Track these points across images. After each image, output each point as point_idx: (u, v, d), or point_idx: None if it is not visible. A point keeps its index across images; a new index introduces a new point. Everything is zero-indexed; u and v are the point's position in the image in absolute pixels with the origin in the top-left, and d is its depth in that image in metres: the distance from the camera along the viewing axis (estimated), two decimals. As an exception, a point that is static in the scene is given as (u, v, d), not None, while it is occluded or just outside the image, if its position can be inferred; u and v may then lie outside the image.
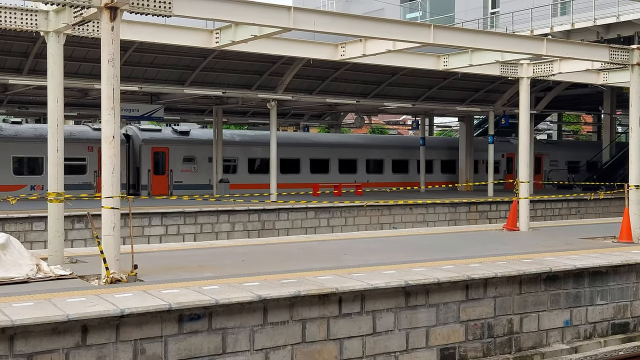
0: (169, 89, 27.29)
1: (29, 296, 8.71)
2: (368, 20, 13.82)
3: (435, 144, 41.09)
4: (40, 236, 19.88)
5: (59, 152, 11.52)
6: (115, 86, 9.99)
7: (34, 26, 11.52)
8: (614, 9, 29.62)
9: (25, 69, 24.19)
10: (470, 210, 29.78)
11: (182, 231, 22.94)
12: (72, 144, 25.64)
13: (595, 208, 33.11)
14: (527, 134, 18.36)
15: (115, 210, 10.00)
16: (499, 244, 15.02)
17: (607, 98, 41.13)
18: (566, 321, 11.70)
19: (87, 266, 11.29)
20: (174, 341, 8.43)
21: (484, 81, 32.09)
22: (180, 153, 32.50)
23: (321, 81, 30.08)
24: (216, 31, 13.94)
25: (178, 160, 32.33)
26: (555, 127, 58.95)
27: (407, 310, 10.09)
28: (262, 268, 11.18)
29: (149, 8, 10.38)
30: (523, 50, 15.70)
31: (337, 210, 26.30)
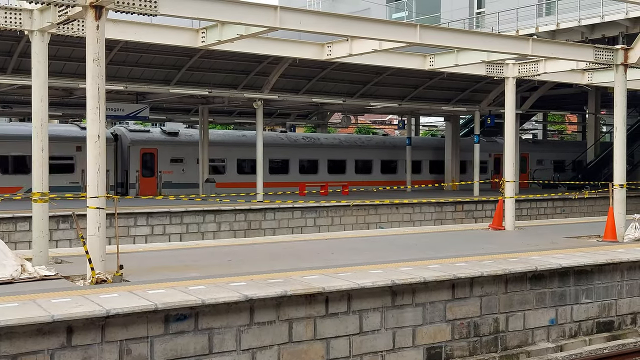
0: (155, 89, 27.17)
1: (13, 297, 8.65)
2: (354, 19, 13.83)
3: (420, 143, 41.18)
4: (25, 236, 19.72)
5: (43, 151, 11.44)
6: (101, 85, 9.94)
7: (18, 25, 11.43)
8: (598, 9, 29.80)
9: (9, 68, 24.01)
10: (457, 209, 29.87)
11: (168, 231, 22.85)
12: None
13: (580, 207, 33.30)
14: (512, 134, 18.44)
15: (100, 210, 9.95)
16: (485, 243, 15.07)
17: (591, 98, 41.36)
18: (551, 320, 11.76)
19: (72, 266, 11.22)
20: (160, 342, 8.39)
21: (470, 81, 32.19)
22: (169, 154, 32.38)
23: (307, 81, 30.07)
24: (202, 30, 13.90)
25: (166, 161, 32.13)
26: (540, 126, 59.27)
27: (393, 310, 10.11)
28: (249, 268, 11.16)
29: (134, 7, 10.33)
30: (509, 50, 15.76)
31: (323, 210, 26.30)
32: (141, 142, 31.93)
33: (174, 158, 32.41)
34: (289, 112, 41.00)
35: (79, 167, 29.45)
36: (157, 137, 32.86)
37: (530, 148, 43.90)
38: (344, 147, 37.66)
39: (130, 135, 32.03)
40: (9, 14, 11.37)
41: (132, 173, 31.50)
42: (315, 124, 46.75)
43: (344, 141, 38.52)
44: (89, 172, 9.97)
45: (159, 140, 32.59)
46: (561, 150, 46.80)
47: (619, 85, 15.91)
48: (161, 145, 32.27)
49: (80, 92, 25.65)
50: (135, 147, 31.63)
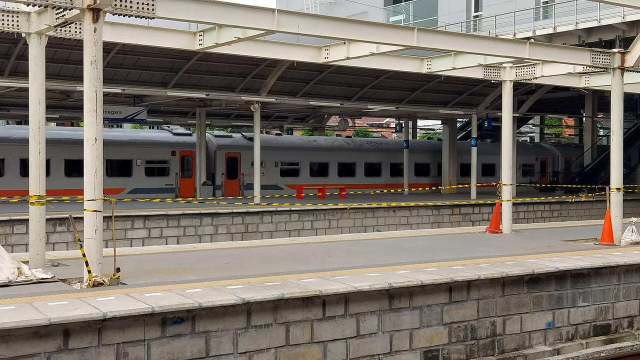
0: (152, 91, 27.16)
1: (10, 300, 8.63)
2: (352, 23, 13.84)
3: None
4: (22, 239, 19.70)
5: (40, 154, 11.42)
6: (98, 88, 9.93)
7: (16, 27, 11.44)
8: (595, 13, 29.86)
9: (6, 70, 23.98)
10: (454, 212, 29.89)
11: (165, 234, 22.84)
12: None
13: (577, 210, 33.34)
14: (510, 137, 18.45)
15: (97, 213, 9.94)
16: (482, 246, 15.08)
17: (588, 101, 41.43)
18: (548, 323, 11.77)
19: (69, 269, 11.21)
20: (157, 345, 8.38)
21: (467, 84, 32.23)
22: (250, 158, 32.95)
23: (305, 84, 30.08)
24: (199, 33, 13.90)
25: (248, 164, 32.99)
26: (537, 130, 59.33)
27: (390, 313, 10.11)
28: (246, 271, 11.16)
29: (132, 10, 10.33)
30: (506, 53, 15.78)
31: (320, 213, 26.31)
32: (226, 147, 33.81)
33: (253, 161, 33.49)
34: (286, 115, 41.03)
35: (173, 171, 32.08)
36: (240, 142, 34.53)
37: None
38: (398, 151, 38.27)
39: (217, 140, 33.79)
40: (7, 16, 11.38)
41: (218, 175, 33.17)
42: (313, 127, 46.76)
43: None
44: (85, 175, 9.95)
45: (241, 145, 34.24)
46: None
47: (615, 89, 15.93)
48: (243, 149, 33.77)
49: (78, 94, 25.67)
50: (221, 152, 33.46)
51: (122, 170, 30.86)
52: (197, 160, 32.22)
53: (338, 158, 36.74)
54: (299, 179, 35.01)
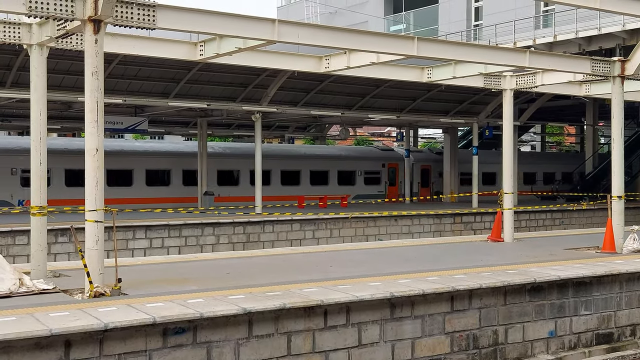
0: (153, 102, 27.20)
1: (11, 311, 8.62)
2: (352, 32, 13.88)
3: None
4: (23, 250, 19.70)
5: (42, 165, 11.44)
6: (99, 99, 9.96)
7: (17, 39, 11.47)
8: (595, 21, 29.92)
9: (8, 81, 24.03)
10: (455, 221, 29.86)
11: (166, 244, 22.82)
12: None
13: (578, 219, 33.29)
14: (511, 146, 18.46)
15: (99, 224, 9.94)
16: (484, 255, 15.06)
17: (589, 109, 41.43)
18: (551, 332, 11.74)
19: (70, 280, 11.20)
20: (159, 355, 8.37)
21: (468, 93, 32.25)
22: (438, 169, 40.01)
23: (306, 93, 30.11)
24: (200, 44, 13.94)
25: (436, 174, 40.21)
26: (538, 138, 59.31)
27: (392, 322, 10.09)
28: (247, 281, 11.15)
29: (132, 21, 10.37)
30: (506, 62, 15.81)
31: (322, 222, 26.29)
32: (421, 160, 40.46)
33: (440, 172, 39.52)
34: (287, 124, 41.06)
35: (382, 179, 38.31)
36: (430, 157, 41.52)
37: None
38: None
39: (413, 155, 39.65)
40: (8, 28, 11.41)
41: (414, 184, 39.22)
42: (314, 137, 46.80)
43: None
44: (86, 186, 9.96)
45: (431, 159, 41.10)
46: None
47: (616, 97, 15.94)
48: (433, 162, 40.59)
49: (79, 105, 25.72)
50: (417, 164, 39.83)
51: (348, 180, 37.00)
52: (403, 170, 38.50)
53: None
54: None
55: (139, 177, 31.43)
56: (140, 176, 31.43)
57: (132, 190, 30.97)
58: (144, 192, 31.15)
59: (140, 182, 31.42)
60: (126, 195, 30.22)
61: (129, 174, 31.18)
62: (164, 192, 31.88)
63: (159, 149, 33.95)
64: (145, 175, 31.68)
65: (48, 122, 12.28)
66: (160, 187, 32.06)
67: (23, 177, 27.42)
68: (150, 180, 31.77)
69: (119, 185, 30.15)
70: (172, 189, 32.28)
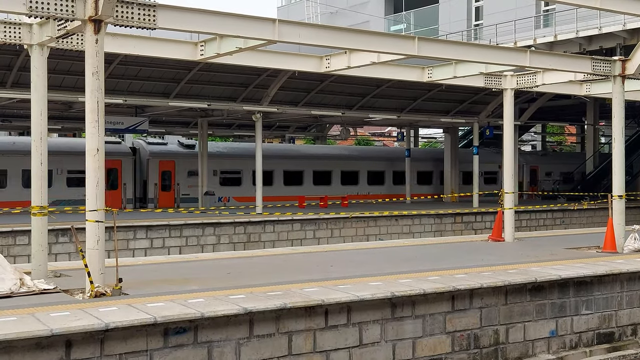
0: (154, 102, 27.22)
1: (12, 311, 8.62)
2: (353, 32, 13.88)
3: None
4: (24, 250, 19.71)
5: (42, 165, 11.44)
6: (100, 99, 9.96)
7: (17, 39, 11.47)
8: (596, 21, 29.91)
9: (8, 82, 24.05)
10: (456, 221, 29.86)
11: (167, 244, 22.83)
12: None
13: (579, 218, 33.30)
14: (511, 145, 18.46)
15: (99, 224, 9.95)
16: (485, 254, 15.05)
17: (590, 109, 41.41)
18: (552, 331, 11.74)
19: (71, 280, 11.21)
20: (160, 355, 8.37)
21: (469, 93, 32.25)
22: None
23: (306, 93, 30.12)
24: (201, 44, 13.94)
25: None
26: (539, 138, 59.30)
27: (393, 322, 10.09)
28: (248, 281, 11.14)
29: (133, 21, 10.37)
30: (507, 61, 15.81)
31: (322, 222, 26.29)
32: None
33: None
34: (288, 124, 41.07)
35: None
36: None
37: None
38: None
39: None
40: (9, 28, 11.41)
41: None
42: (315, 136, 46.80)
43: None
44: (87, 185, 9.97)
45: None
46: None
47: (616, 97, 15.93)
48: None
49: (80, 105, 25.72)
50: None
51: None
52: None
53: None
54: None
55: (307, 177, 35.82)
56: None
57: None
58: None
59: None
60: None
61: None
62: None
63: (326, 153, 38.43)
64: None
65: (49, 123, 12.29)
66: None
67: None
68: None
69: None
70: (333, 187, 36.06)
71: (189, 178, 32.47)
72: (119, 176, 31.04)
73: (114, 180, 30.82)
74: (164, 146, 33.67)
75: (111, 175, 30.46)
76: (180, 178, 32.34)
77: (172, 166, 32.34)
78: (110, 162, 28.91)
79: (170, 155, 32.76)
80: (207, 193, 31.47)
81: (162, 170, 32.29)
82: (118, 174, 31.04)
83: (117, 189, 30.85)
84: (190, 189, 32.13)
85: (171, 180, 32.37)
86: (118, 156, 30.98)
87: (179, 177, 32.35)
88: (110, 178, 30.31)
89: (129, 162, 31.41)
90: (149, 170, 31.85)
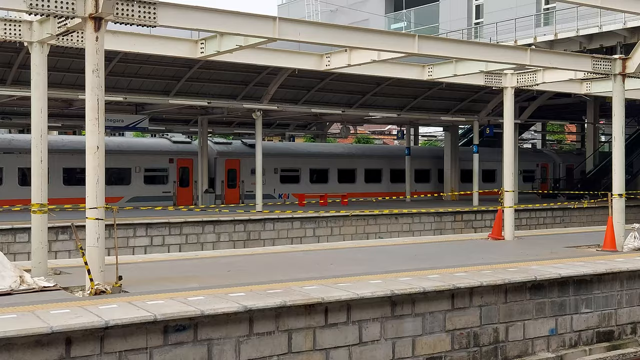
0: (154, 99, 27.20)
1: (12, 308, 8.63)
2: (353, 30, 13.87)
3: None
4: (24, 248, 19.71)
5: (42, 162, 11.44)
6: (100, 96, 9.96)
7: (18, 36, 11.47)
8: (596, 19, 29.88)
9: (8, 79, 24.04)
10: (456, 219, 29.85)
11: (167, 242, 22.83)
12: None
13: (579, 217, 33.29)
14: (511, 144, 18.45)
15: (99, 221, 9.95)
16: (485, 253, 15.06)
17: (590, 107, 41.40)
18: (551, 330, 11.74)
19: (71, 277, 11.21)
20: (159, 352, 8.37)
21: (469, 91, 32.24)
22: None
23: (306, 91, 30.12)
24: (201, 41, 13.93)
25: None
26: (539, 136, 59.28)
27: (393, 320, 10.09)
28: (248, 278, 11.15)
29: (133, 18, 10.37)
30: (507, 60, 15.80)
31: (322, 220, 26.29)
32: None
33: None
34: (288, 122, 41.05)
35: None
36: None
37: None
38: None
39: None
40: (9, 25, 11.41)
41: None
42: (315, 135, 46.79)
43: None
44: (87, 183, 9.96)
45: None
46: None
47: (617, 95, 15.93)
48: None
49: (80, 103, 25.70)
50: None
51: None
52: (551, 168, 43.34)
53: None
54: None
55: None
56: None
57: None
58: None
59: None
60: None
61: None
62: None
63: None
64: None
65: (49, 120, 12.30)
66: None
67: (282, 175, 34.62)
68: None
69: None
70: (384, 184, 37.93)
71: (252, 176, 33.14)
72: (190, 174, 32.63)
73: (186, 178, 32.54)
74: (229, 146, 35.25)
75: (184, 173, 32.45)
76: (244, 176, 33.86)
77: (237, 165, 33.93)
78: (183, 161, 32.40)
79: (235, 154, 34.27)
80: (207, 191, 31.48)
81: (228, 169, 33.74)
82: (189, 172, 32.63)
83: (188, 186, 32.52)
84: (253, 186, 33.00)
85: (236, 177, 33.94)
86: (190, 155, 32.67)
87: (243, 174, 33.90)
88: (183, 176, 32.38)
89: (199, 161, 32.88)
90: (216, 168, 33.32)
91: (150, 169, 31.48)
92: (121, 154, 30.24)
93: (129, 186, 30.51)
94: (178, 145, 33.38)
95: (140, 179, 31.02)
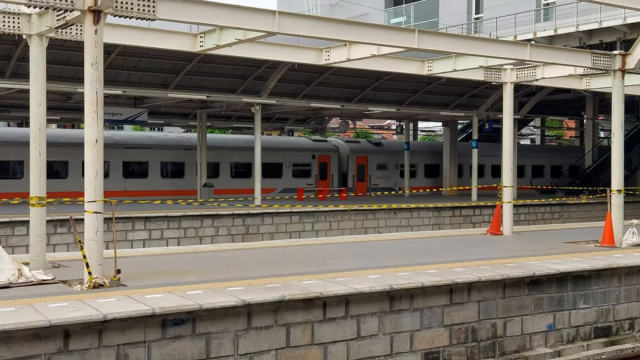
0: (153, 93, 27.16)
1: (10, 301, 8.63)
2: (352, 24, 13.84)
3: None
4: (22, 241, 19.70)
5: (41, 155, 11.42)
6: (99, 90, 9.93)
7: (17, 29, 11.43)
8: (596, 15, 29.87)
9: (7, 72, 23.99)
10: (454, 214, 29.87)
11: (165, 236, 22.83)
12: None
13: (578, 212, 33.32)
14: (510, 139, 18.45)
15: (98, 215, 9.94)
16: (483, 248, 15.07)
17: (589, 103, 41.42)
18: (549, 325, 11.76)
19: (69, 271, 11.21)
20: (158, 346, 8.37)
21: (468, 86, 32.22)
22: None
23: (306, 85, 30.08)
24: (200, 35, 13.90)
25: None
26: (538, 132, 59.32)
27: (391, 315, 10.10)
28: (246, 272, 11.15)
29: (132, 11, 10.33)
30: (507, 55, 15.78)
31: (321, 215, 26.30)
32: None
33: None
34: (287, 116, 41.02)
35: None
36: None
37: None
38: None
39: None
40: (8, 18, 11.37)
41: None
42: (314, 129, 46.77)
43: None
44: (86, 177, 9.95)
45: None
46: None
47: (616, 91, 15.92)
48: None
49: (79, 96, 25.67)
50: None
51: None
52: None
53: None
54: None
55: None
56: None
57: None
58: None
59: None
60: None
61: None
62: None
63: None
64: None
65: (47, 113, 12.28)
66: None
67: (401, 170, 38.52)
68: None
69: None
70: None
71: (378, 171, 38.82)
72: (328, 169, 37.16)
73: (325, 172, 37.01)
74: (358, 144, 39.98)
75: (323, 168, 36.97)
76: (371, 170, 38.46)
77: (365, 161, 38.49)
78: (323, 157, 37.08)
79: (363, 151, 38.69)
80: (205, 185, 31.47)
81: (358, 164, 38.19)
82: (327, 167, 37.12)
83: (326, 179, 37.01)
84: (378, 180, 38.54)
85: (364, 172, 38.31)
86: (328, 152, 37.32)
87: (371, 169, 38.47)
88: (322, 170, 36.92)
89: (335, 158, 37.49)
90: (348, 164, 37.85)
91: (298, 164, 35.97)
92: (275, 150, 34.56)
93: (281, 179, 34.77)
94: (317, 144, 37.68)
95: (289, 172, 35.43)
